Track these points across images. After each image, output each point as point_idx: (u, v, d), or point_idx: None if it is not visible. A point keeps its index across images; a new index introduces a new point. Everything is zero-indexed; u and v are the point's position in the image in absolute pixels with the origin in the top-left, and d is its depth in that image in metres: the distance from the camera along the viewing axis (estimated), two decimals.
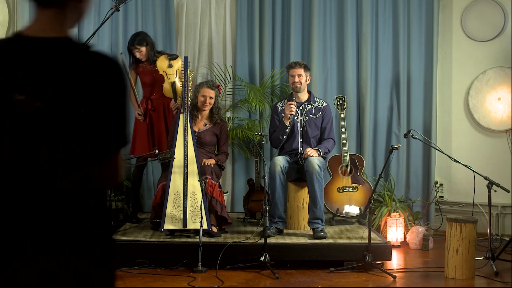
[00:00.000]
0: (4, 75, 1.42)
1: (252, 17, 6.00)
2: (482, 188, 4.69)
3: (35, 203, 1.47)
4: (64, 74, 1.45)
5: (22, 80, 1.43)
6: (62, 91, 1.43)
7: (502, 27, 5.79)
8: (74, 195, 1.49)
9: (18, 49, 1.47)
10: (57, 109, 1.44)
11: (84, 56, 1.49)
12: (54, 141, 1.46)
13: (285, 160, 4.96)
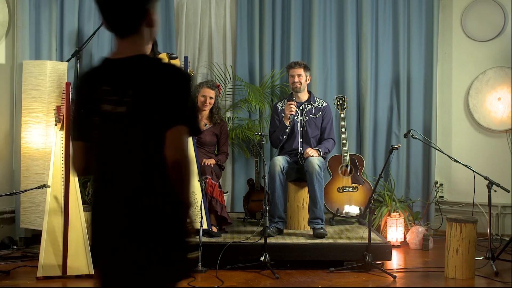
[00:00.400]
0: (97, 91, 1.84)
1: (252, 17, 6.00)
2: (482, 188, 4.69)
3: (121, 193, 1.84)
4: (141, 82, 1.81)
5: (109, 92, 1.82)
6: (139, 96, 1.81)
7: (502, 27, 5.79)
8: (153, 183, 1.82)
9: (105, 70, 1.89)
10: (136, 110, 1.80)
11: (156, 67, 1.85)
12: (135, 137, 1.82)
13: (285, 160, 4.96)
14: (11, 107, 5.25)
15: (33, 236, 5.13)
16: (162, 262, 1.81)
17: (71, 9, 5.51)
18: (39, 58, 5.25)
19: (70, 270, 4.18)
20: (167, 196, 1.84)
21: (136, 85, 1.81)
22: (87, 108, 1.89)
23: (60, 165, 4.31)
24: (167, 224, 1.84)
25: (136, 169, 1.83)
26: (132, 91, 1.81)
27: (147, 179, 1.83)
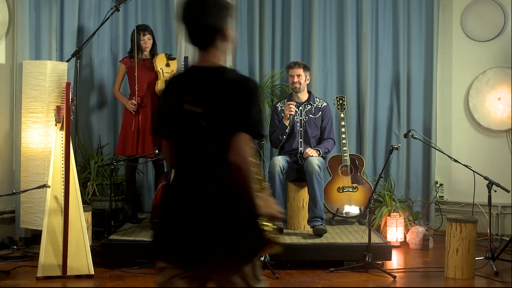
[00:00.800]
0: (181, 93, 2.13)
1: (252, 17, 6.00)
2: (482, 188, 4.69)
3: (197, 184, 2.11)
4: (213, 89, 2.09)
5: (189, 94, 2.11)
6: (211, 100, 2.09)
7: (502, 27, 5.79)
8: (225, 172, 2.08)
9: (189, 75, 2.18)
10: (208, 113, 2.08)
11: (228, 78, 2.12)
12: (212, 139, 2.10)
13: (285, 160, 4.96)
14: (11, 107, 5.25)
15: (33, 236, 5.14)
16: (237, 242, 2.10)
17: (71, 9, 5.51)
18: (39, 58, 5.25)
19: (70, 270, 4.18)
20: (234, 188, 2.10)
21: (209, 91, 2.10)
22: (172, 107, 2.16)
23: (60, 165, 4.31)
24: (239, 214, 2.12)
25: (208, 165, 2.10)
26: (205, 95, 2.10)
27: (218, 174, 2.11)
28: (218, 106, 2.08)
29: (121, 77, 5.34)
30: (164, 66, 5.21)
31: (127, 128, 5.25)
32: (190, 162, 2.14)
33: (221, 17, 2.12)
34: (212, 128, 2.09)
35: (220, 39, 2.15)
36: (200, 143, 2.11)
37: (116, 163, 4.99)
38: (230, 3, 2.17)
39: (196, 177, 2.12)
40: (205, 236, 2.07)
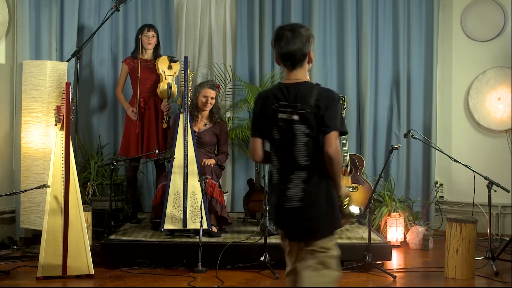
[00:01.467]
0: (275, 104, 2.69)
1: (252, 17, 6.00)
2: (482, 188, 4.69)
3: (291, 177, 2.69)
4: (307, 99, 2.66)
5: (285, 105, 2.68)
6: (306, 108, 2.65)
7: (502, 27, 5.79)
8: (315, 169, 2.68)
9: (280, 90, 2.72)
10: (305, 117, 2.65)
11: (316, 90, 2.68)
12: (302, 148, 2.68)
13: None
14: (11, 107, 5.26)
15: (33, 236, 5.14)
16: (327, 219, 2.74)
17: (71, 9, 5.51)
18: (39, 58, 5.25)
19: (70, 270, 4.18)
20: (325, 178, 2.70)
21: (305, 101, 2.66)
22: (267, 115, 2.73)
23: (60, 165, 4.31)
24: (327, 196, 2.73)
25: (304, 158, 2.69)
26: (302, 105, 2.66)
27: (311, 165, 2.68)
28: (311, 113, 2.66)
29: (124, 78, 5.34)
30: (166, 69, 5.21)
31: (130, 130, 5.26)
32: (284, 161, 2.73)
33: (308, 45, 2.72)
34: (307, 131, 2.67)
35: (306, 61, 2.76)
36: (295, 145, 2.69)
37: (116, 163, 4.99)
38: (312, 33, 2.77)
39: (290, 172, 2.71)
40: (306, 215, 2.70)
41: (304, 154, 2.68)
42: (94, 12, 5.73)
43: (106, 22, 5.37)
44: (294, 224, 2.72)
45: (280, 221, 2.82)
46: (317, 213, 2.70)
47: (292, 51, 2.69)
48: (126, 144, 5.27)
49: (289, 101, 2.69)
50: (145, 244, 4.52)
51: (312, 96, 2.67)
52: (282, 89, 2.73)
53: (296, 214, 2.70)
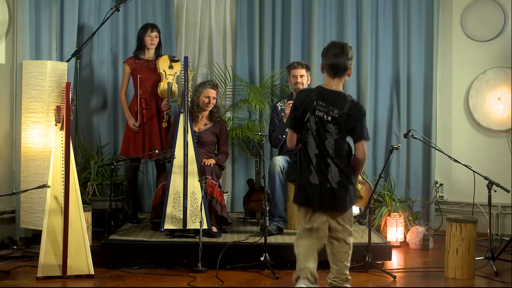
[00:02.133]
0: (314, 102, 3.35)
1: (252, 17, 6.00)
2: (482, 188, 4.69)
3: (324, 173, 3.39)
4: (341, 107, 3.33)
5: (322, 105, 3.34)
6: (339, 114, 3.32)
7: (502, 27, 5.79)
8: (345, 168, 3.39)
9: (320, 92, 3.40)
10: (336, 122, 3.33)
11: (349, 102, 3.36)
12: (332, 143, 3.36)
13: (285, 160, 4.96)
14: (11, 107, 5.26)
15: (33, 236, 5.14)
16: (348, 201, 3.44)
17: (71, 9, 5.52)
18: (39, 58, 5.25)
19: (70, 270, 4.18)
20: (349, 172, 3.41)
21: (339, 108, 3.34)
22: (306, 111, 3.38)
23: (60, 165, 4.31)
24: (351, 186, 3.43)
25: (332, 150, 3.37)
26: (336, 110, 3.33)
27: (338, 156, 3.38)
28: (344, 119, 3.32)
29: (127, 79, 5.34)
30: (167, 68, 5.21)
31: (131, 130, 5.26)
32: (318, 151, 3.38)
33: (350, 61, 3.42)
34: (336, 130, 3.35)
35: (346, 74, 3.43)
36: (326, 139, 3.37)
37: (116, 163, 4.99)
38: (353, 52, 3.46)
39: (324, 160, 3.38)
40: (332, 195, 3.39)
41: (332, 147, 3.37)
42: (94, 12, 5.73)
43: (106, 22, 5.37)
44: (331, 199, 3.40)
45: (314, 195, 3.41)
46: (347, 193, 3.42)
47: (340, 63, 3.38)
48: (127, 144, 5.28)
49: (327, 103, 3.36)
50: (145, 244, 4.52)
51: (346, 105, 3.34)
52: (322, 92, 3.39)
53: (334, 193, 3.40)
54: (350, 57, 3.42)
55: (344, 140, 3.39)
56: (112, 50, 5.87)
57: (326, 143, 3.36)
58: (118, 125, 5.87)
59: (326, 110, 3.35)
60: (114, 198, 5.30)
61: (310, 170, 3.41)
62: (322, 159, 3.38)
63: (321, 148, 3.38)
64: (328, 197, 3.40)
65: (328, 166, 3.38)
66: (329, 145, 3.37)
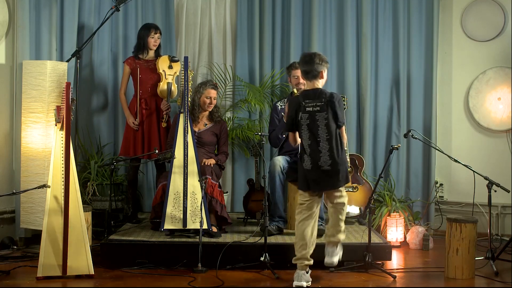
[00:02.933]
0: (303, 103, 4.03)
1: (252, 17, 6.00)
2: (482, 188, 4.69)
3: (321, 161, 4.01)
4: (321, 100, 4.00)
5: (309, 103, 4.02)
6: (322, 105, 3.99)
7: (502, 27, 5.79)
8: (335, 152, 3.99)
9: (304, 95, 4.08)
10: (323, 107, 3.98)
11: (326, 94, 4.02)
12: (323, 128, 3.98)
13: (285, 160, 4.96)
14: (11, 107, 5.26)
15: (33, 236, 5.14)
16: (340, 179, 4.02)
17: (71, 9, 5.52)
18: (39, 58, 5.25)
19: (70, 270, 4.18)
20: (340, 155, 4.00)
21: (320, 101, 4.02)
22: (297, 111, 4.05)
23: (60, 165, 4.31)
24: (341, 166, 4.01)
25: (325, 141, 3.99)
26: (318, 102, 4.01)
27: (331, 145, 3.98)
28: (325, 109, 3.99)
29: (126, 79, 5.34)
30: (167, 68, 5.21)
31: (131, 130, 5.26)
32: (314, 138, 4.00)
33: (321, 66, 4.08)
34: (325, 116, 3.99)
35: (319, 77, 4.09)
36: (318, 128, 4.00)
37: (116, 163, 4.99)
38: (326, 59, 4.17)
39: (319, 147, 3.99)
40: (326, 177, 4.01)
41: (324, 133, 3.98)
42: (94, 12, 5.73)
43: (106, 22, 5.37)
44: (326, 179, 4.01)
45: (313, 179, 4.03)
46: (338, 173, 4.00)
47: (312, 68, 4.06)
48: (127, 144, 5.28)
49: (311, 99, 4.04)
50: (145, 244, 4.52)
51: (326, 95, 4.02)
52: (305, 94, 4.09)
53: (327, 174, 4.00)
54: (318, 62, 4.06)
55: (332, 125, 3.98)
56: (112, 50, 5.87)
57: (318, 132, 4.00)
58: (118, 125, 5.87)
59: (312, 104, 4.02)
60: (114, 198, 5.30)
61: (305, 158, 4.04)
62: (314, 147, 4.00)
63: (312, 139, 4.01)
64: (322, 178, 4.01)
65: (320, 153, 3.99)
66: (321, 131, 3.99)
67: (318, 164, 3.99)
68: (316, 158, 3.99)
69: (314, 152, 4.00)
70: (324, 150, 3.98)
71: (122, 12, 5.65)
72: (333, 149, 3.97)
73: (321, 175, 4.00)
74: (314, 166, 4.01)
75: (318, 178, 4.01)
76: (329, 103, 3.98)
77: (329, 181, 4.02)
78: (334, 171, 3.99)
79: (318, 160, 3.98)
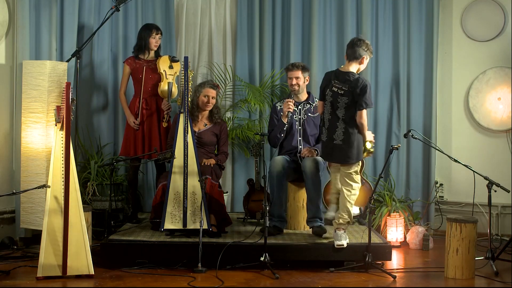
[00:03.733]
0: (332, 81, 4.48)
1: (252, 17, 6.00)
2: (482, 188, 4.69)
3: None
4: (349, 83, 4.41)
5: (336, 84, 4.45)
6: (344, 92, 4.41)
7: (502, 27, 5.80)
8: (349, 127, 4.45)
9: (337, 73, 4.51)
10: (346, 93, 4.41)
11: (353, 77, 4.42)
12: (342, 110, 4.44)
13: (285, 160, 4.96)
14: (11, 107, 5.26)
15: (33, 236, 5.14)
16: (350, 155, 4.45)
17: (71, 9, 5.52)
18: (39, 58, 5.25)
19: (70, 270, 4.18)
20: (353, 134, 4.42)
21: (345, 86, 4.40)
22: (326, 87, 4.51)
23: (60, 165, 4.31)
24: (352, 143, 4.43)
25: (342, 120, 4.44)
26: (344, 87, 4.40)
27: (346, 124, 4.43)
28: (349, 91, 4.38)
29: (126, 79, 5.34)
30: (167, 68, 5.22)
31: (131, 130, 5.26)
32: (334, 115, 4.46)
33: (363, 52, 4.44)
34: (346, 101, 4.40)
35: (359, 62, 4.48)
36: (338, 108, 4.43)
37: (116, 163, 4.99)
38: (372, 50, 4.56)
39: (337, 122, 4.45)
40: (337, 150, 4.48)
41: (342, 114, 4.42)
42: (94, 12, 5.73)
43: (106, 22, 5.37)
44: (336, 152, 4.46)
45: (326, 151, 4.58)
46: (348, 148, 4.42)
47: (349, 52, 4.46)
48: (127, 144, 5.28)
49: (340, 81, 4.43)
50: (145, 244, 4.52)
51: (353, 82, 4.37)
52: (337, 73, 4.49)
53: (338, 148, 4.45)
54: (363, 48, 4.43)
55: (352, 109, 4.38)
56: (112, 50, 5.87)
57: (337, 111, 4.43)
58: (118, 125, 5.87)
59: (339, 86, 4.42)
60: (114, 198, 5.30)
61: (323, 130, 4.57)
62: (332, 122, 4.46)
63: (332, 115, 4.46)
64: (334, 150, 4.48)
65: (336, 128, 4.44)
66: (339, 112, 4.42)
67: (333, 137, 4.45)
68: (332, 132, 4.45)
69: (331, 126, 4.47)
70: (340, 127, 4.42)
71: (122, 12, 5.65)
72: (348, 128, 4.40)
73: (334, 147, 4.46)
74: (329, 139, 4.48)
75: (330, 150, 4.50)
76: (352, 90, 4.37)
77: (339, 155, 4.46)
78: (344, 146, 4.41)
79: (333, 134, 4.44)
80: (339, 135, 4.42)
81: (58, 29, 5.47)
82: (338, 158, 4.50)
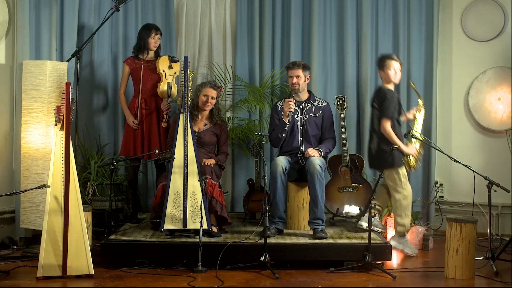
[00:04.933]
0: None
1: (252, 17, 6.00)
2: (482, 188, 4.69)
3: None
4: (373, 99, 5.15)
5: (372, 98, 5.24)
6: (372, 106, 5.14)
7: (502, 27, 5.80)
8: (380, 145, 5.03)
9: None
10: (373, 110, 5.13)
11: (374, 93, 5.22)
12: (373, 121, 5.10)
13: (287, 160, 4.96)
14: (11, 107, 5.26)
15: (33, 236, 5.14)
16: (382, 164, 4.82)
17: (71, 9, 5.52)
18: (39, 58, 5.25)
19: (70, 270, 4.18)
20: (381, 144, 4.97)
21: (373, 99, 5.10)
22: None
23: (60, 165, 4.31)
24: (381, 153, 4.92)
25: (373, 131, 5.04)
26: (373, 101, 5.08)
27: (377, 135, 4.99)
28: (373, 106, 5.06)
29: (126, 79, 5.35)
30: (167, 68, 5.22)
31: (131, 130, 5.26)
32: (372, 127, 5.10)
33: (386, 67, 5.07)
34: (373, 115, 5.04)
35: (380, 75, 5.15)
36: (371, 120, 5.12)
37: (116, 163, 4.99)
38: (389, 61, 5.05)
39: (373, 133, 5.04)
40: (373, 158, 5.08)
41: (373, 124, 5.04)
42: (94, 12, 5.73)
43: (106, 22, 5.37)
44: (373, 160, 5.07)
45: (368, 159, 5.19)
46: (382, 157, 4.89)
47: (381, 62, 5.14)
48: (127, 144, 5.28)
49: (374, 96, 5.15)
50: (145, 244, 4.52)
51: (375, 94, 5.12)
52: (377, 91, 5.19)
53: (373, 156, 5.04)
54: (385, 64, 5.07)
55: (377, 120, 4.98)
56: (112, 50, 5.87)
57: (371, 123, 5.10)
58: (118, 125, 5.87)
59: (372, 101, 5.12)
60: (114, 198, 5.30)
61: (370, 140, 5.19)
62: (370, 133, 5.10)
63: (371, 127, 5.11)
64: (371, 159, 5.09)
65: (372, 138, 5.05)
66: (371, 124, 5.08)
67: (370, 147, 5.07)
68: (370, 142, 5.10)
69: (370, 137, 5.13)
70: (374, 138, 5.01)
71: (122, 12, 5.65)
72: (378, 139, 4.97)
73: (371, 156, 5.08)
74: (369, 148, 5.14)
75: (370, 158, 5.12)
76: (373, 102, 5.03)
77: (375, 163, 5.07)
78: (377, 156, 4.98)
79: (371, 143, 5.07)
80: (374, 144, 5.04)
81: (58, 29, 5.47)
82: (374, 166, 5.19)
